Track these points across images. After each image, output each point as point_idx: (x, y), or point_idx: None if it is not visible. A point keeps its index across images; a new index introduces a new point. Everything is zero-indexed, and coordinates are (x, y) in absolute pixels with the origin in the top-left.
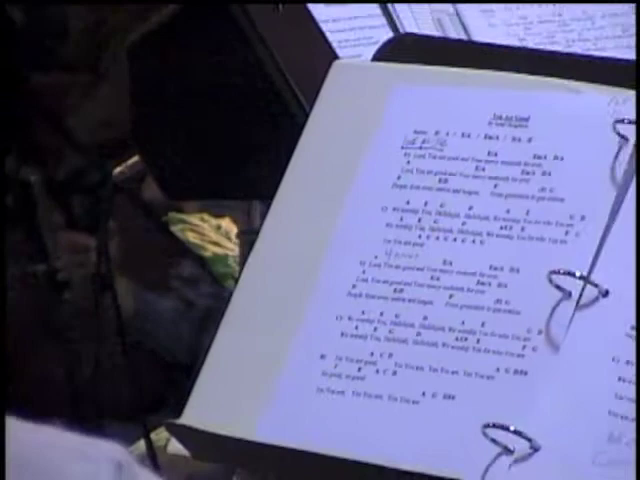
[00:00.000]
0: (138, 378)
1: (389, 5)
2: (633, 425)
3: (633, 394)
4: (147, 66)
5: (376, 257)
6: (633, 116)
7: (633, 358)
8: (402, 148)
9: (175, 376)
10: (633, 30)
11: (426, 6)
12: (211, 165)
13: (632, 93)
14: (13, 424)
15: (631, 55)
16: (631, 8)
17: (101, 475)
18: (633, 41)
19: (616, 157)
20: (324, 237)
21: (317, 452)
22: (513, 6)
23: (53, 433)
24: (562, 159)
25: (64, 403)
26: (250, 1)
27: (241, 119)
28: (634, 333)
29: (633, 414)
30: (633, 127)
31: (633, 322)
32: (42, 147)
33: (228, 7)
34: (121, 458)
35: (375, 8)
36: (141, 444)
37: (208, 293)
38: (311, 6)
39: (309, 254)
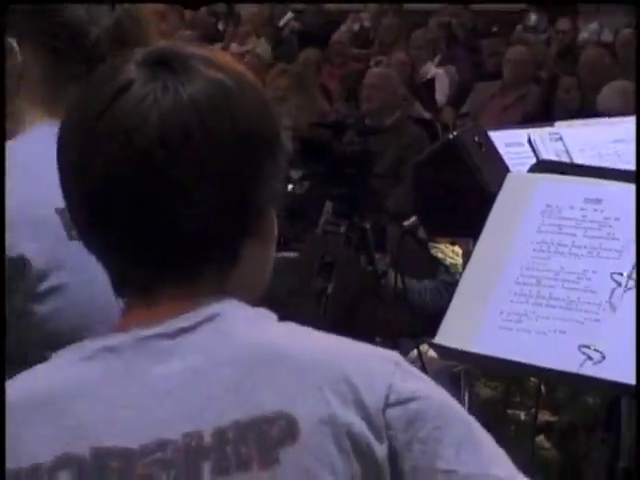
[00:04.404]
0: (413, 320)
1: (534, 145)
2: None
3: None
4: (422, 174)
5: (527, 264)
6: None
7: None
8: (540, 213)
9: (430, 319)
10: None
11: (551, 147)
12: (450, 223)
13: None
14: (344, 341)
15: None
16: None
17: (390, 368)
18: None
19: None
20: (504, 254)
21: (498, 357)
22: (595, 148)
23: (367, 346)
24: (619, 219)
25: (381, 329)
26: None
27: (466, 203)
28: None
29: None
30: None
31: None
32: (372, 214)
33: (461, 151)
34: (398, 359)
35: (527, 147)
36: (414, 353)
37: (449, 281)
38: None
39: (496, 263)
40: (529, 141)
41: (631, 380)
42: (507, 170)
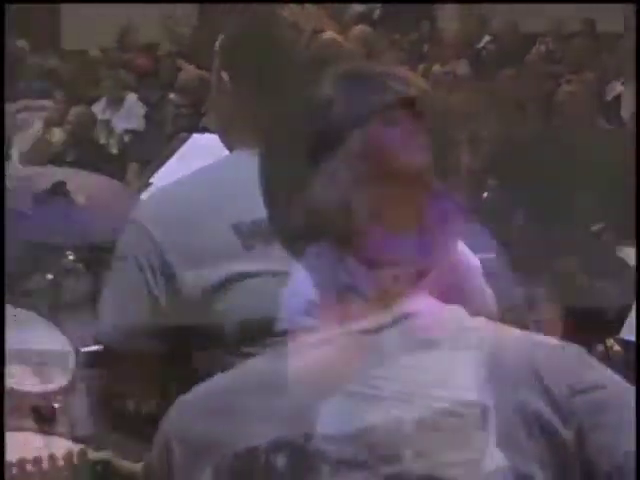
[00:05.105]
0: (599, 317)
1: None
2: None
3: None
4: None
5: None
6: None
7: None
8: None
9: (616, 317)
10: None
11: None
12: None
13: None
14: (531, 334)
15: None
16: None
17: (573, 359)
18: None
19: None
20: None
21: None
22: None
23: (552, 339)
24: None
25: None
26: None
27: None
28: None
29: None
30: None
31: None
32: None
33: None
34: (581, 351)
35: None
36: (600, 347)
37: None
38: None
39: None
40: None
41: None
42: None
